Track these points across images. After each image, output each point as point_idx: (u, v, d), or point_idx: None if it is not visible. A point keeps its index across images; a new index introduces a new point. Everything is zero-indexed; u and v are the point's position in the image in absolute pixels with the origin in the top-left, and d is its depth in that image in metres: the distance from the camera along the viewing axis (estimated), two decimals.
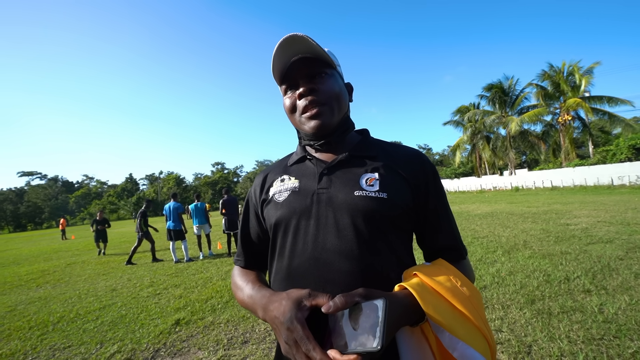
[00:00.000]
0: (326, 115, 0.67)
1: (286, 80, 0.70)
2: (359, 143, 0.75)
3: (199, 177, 77.92)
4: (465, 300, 0.54)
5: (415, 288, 0.53)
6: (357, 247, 0.60)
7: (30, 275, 6.88)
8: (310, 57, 0.68)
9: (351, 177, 0.67)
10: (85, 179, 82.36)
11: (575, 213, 8.18)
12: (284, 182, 0.73)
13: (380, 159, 0.70)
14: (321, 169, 0.70)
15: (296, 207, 0.67)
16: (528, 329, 2.44)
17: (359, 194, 0.64)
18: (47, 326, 3.52)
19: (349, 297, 0.48)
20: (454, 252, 0.70)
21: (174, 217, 7.02)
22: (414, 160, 0.72)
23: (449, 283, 0.56)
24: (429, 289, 0.54)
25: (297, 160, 0.77)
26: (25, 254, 11.83)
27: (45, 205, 67.08)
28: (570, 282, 3.30)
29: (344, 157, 0.70)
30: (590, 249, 4.51)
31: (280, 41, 0.64)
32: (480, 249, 5.09)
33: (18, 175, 73.48)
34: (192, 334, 2.96)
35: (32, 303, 4.58)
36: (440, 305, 0.52)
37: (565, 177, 19.95)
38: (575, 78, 21.91)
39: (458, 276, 0.60)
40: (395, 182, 0.67)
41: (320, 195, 0.66)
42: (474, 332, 0.52)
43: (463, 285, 0.57)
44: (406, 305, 0.51)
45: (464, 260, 0.71)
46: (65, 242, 16.47)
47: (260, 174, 0.83)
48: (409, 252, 0.69)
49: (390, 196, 0.64)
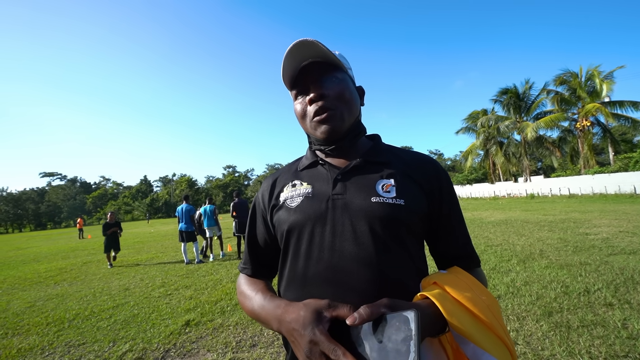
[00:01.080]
0: (336, 119, 0.66)
1: (297, 85, 0.70)
2: (371, 149, 0.75)
3: (211, 179, 79.29)
4: (485, 310, 0.53)
5: (437, 298, 0.52)
6: (375, 255, 0.59)
7: (49, 273, 7.12)
8: (320, 62, 0.67)
9: (367, 183, 0.66)
10: (102, 180, 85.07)
11: (595, 222, 7.86)
12: (295, 188, 0.71)
13: (394, 165, 0.69)
14: (334, 174, 0.69)
15: (311, 213, 0.65)
16: (545, 342, 2.34)
17: (376, 200, 0.63)
18: (63, 323, 3.62)
19: (375, 308, 0.46)
20: (468, 260, 0.68)
21: (186, 219, 7.14)
22: (427, 166, 0.71)
23: (469, 292, 0.55)
24: (450, 299, 0.53)
25: (309, 165, 0.75)
26: (44, 252, 12.26)
27: (64, 205, 69.55)
28: (591, 294, 3.16)
29: (358, 163, 0.69)
30: (612, 260, 4.31)
31: (290, 46, 0.63)
32: (494, 258, 4.95)
33: (40, 176, 76.68)
34: (201, 336, 2.99)
35: (50, 300, 4.72)
36: (463, 316, 0.51)
37: (584, 185, 19.27)
38: (594, 83, 21.16)
39: (476, 285, 0.58)
40: (411, 189, 0.66)
41: (335, 201, 0.65)
42: (497, 343, 0.51)
43: (482, 294, 0.56)
44: (430, 315, 0.50)
45: (479, 268, 0.69)
46: (82, 241, 16.99)
47: (267, 178, 0.82)
48: (423, 260, 0.68)
49: (407, 203, 0.63)
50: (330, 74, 0.68)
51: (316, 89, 0.66)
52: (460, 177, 35.41)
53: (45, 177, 76.62)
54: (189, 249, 8.04)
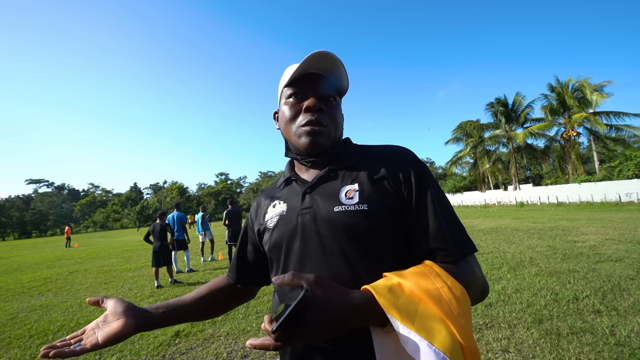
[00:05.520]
0: (324, 137, 0.68)
1: (296, 85, 0.69)
2: (338, 155, 0.73)
3: (203, 187, 78.39)
4: (434, 291, 0.49)
5: (374, 285, 0.51)
6: (343, 264, 0.59)
7: (33, 283, 6.88)
8: (330, 80, 0.69)
9: (331, 192, 0.66)
10: (91, 187, 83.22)
11: (583, 230, 8.04)
12: (275, 208, 0.73)
13: (361, 166, 0.68)
14: (304, 188, 0.70)
15: (284, 231, 0.67)
16: (536, 350, 2.37)
17: (339, 210, 0.62)
18: (47, 335, 3.50)
19: (296, 277, 0.49)
20: (443, 255, 0.58)
21: (177, 227, 7.04)
22: (393, 157, 0.67)
23: (417, 275, 0.52)
24: (390, 284, 0.51)
25: (285, 182, 0.77)
26: (28, 261, 11.86)
27: (50, 212, 67.64)
28: (579, 301, 3.22)
29: (323, 173, 0.69)
30: (599, 267, 4.41)
31: (317, 51, 0.63)
32: (485, 265, 5.00)
33: (26, 183, 74.45)
34: (191, 347, 2.92)
35: (34, 311, 4.56)
36: (399, 298, 0.48)
37: (571, 193, 19.70)
38: (583, 94, 21.81)
39: (434, 269, 0.54)
40: (377, 189, 0.63)
41: (304, 216, 0.65)
42: (437, 327, 0.46)
43: (437, 277, 0.52)
44: (356, 302, 0.49)
45: (461, 262, 0.58)
46: (68, 250, 16.51)
47: (257, 198, 0.85)
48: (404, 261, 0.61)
49: (371, 206, 0.61)
50: (333, 94, 0.70)
51: (318, 101, 0.67)
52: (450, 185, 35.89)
53: (32, 184, 74.65)
54: (180, 258, 7.91)
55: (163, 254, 5.71)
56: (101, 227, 66.21)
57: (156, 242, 5.80)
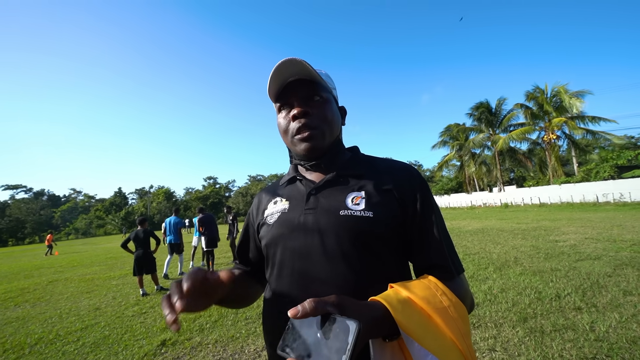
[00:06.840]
0: (317, 139, 0.68)
1: (281, 99, 0.71)
2: (347, 161, 0.75)
3: (190, 191, 76.91)
4: (442, 310, 0.51)
5: (387, 298, 0.51)
6: (343, 266, 0.60)
7: (8, 294, 6.54)
8: (306, 80, 0.69)
9: (337, 196, 0.67)
10: (73, 193, 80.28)
11: (564, 230, 8.33)
12: (276, 204, 0.74)
13: (368, 176, 0.70)
14: (309, 189, 0.71)
15: (285, 228, 0.68)
16: (521, 348, 2.43)
17: (345, 214, 0.63)
18: (23, 349, 3.33)
19: (320, 304, 0.44)
20: (442, 271, 0.63)
21: (173, 232, 7.00)
22: (401, 173, 0.70)
23: (426, 291, 0.54)
24: (402, 299, 0.52)
25: (289, 181, 0.78)
26: (4, 271, 11.28)
27: (28, 220, 64.72)
28: (561, 299, 3.32)
29: (331, 177, 0.71)
30: (579, 265, 4.57)
31: (278, 63, 0.65)
32: (472, 266, 5.10)
33: (2, 189, 70.99)
34: (178, 356, 2.84)
35: (9, 324, 4.33)
36: (413, 315, 0.49)
37: (553, 194, 20.41)
38: (560, 99, 22.73)
39: (439, 287, 0.56)
40: (383, 199, 0.66)
41: (307, 216, 0.67)
42: (448, 346, 0.48)
43: (443, 295, 0.54)
44: (377, 317, 0.48)
45: (456, 279, 0.64)
46: (48, 258, 15.82)
47: (258, 194, 0.86)
48: (400, 270, 0.67)
49: (376, 214, 0.63)
50: (315, 92, 0.70)
51: (300, 107, 0.68)
52: (437, 187, 36.59)
53: (8, 189, 71.33)
54: (173, 262, 7.82)
55: (147, 262, 5.48)
56: (83, 234, 63.77)
57: (139, 250, 5.56)
